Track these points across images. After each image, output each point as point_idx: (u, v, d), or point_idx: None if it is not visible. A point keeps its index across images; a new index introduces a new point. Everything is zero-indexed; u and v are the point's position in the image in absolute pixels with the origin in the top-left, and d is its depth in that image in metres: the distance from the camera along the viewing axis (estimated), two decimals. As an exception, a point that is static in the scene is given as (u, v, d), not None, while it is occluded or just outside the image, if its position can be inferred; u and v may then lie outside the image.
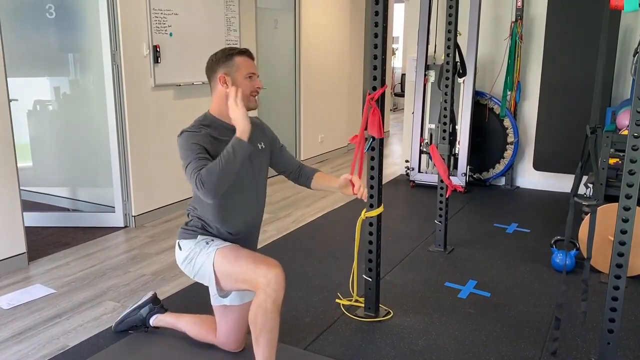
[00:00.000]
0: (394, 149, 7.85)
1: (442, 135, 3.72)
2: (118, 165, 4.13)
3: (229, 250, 2.13)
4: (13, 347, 2.52)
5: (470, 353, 2.46)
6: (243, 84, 2.12)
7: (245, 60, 2.15)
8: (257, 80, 2.19)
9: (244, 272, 2.05)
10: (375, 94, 2.50)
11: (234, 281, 2.11)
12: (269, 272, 1.98)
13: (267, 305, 1.97)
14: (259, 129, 2.32)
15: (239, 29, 5.02)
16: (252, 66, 2.17)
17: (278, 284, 1.98)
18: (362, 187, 2.23)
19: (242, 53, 2.16)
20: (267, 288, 1.97)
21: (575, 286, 3.06)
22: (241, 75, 2.13)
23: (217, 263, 2.11)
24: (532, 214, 4.62)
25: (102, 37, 3.94)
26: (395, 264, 3.48)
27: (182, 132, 2.08)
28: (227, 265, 2.10)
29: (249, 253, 2.13)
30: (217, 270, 2.12)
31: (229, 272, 2.11)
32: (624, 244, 2.10)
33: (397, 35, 12.23)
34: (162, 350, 2.46)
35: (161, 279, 3.27)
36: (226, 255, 2.11)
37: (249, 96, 2.15)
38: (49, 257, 3.62)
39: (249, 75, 2.14)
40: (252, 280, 2.01)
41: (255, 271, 2.01)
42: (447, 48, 3.62)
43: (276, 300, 1.98)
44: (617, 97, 4.89)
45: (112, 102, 4.02)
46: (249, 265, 2.04)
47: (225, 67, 2.13)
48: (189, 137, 2.05)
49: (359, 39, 7.67)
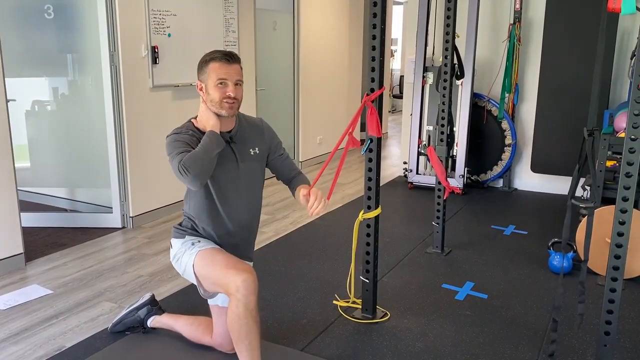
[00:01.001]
0: (392, 151, 7.85)
1: (440, 137, 3.72)
2: (116, 166, 4.12)
3: (208, 253, 2.14)
4: (9, 347, 2.51)
5: (468, 355, 2.46)
6: (213, 91, 2.09)
7: (220, 65, 2.06)
8: (231, 87, 2.08)
9: (217, 276, 2.06)
10: (373, 95, 2.50)
11: (212, 284, 2.13)
12: (237, 277, 1.98)
13: (239, 311, 1.98)
14: (257, 133, 2.30)
15: (237, 30, 5.02)
16: (225, 72, 2.07)
17: (248, 290, 1.97)
18: (318, 203, 2.07)
19: (217, 58, 2.07)
20: (237, 293, 1.97)
21: (572, 288, 3.06)
22: (212, 82, 2.08)
23: (196, 265, 2.13)
24: (529, 216, 4.63)
25: (101, 37, 3.94)
26: (392, 266, 3.48)
27: (167, 136, 2.14)
28: (204, 268, 2.12)
29: (225, 257, 2.11)
30: (197, 272, 2.14)
31: (205, 275, 2.13)
32: (620, 246, 2.11)
33: (396, 37, 12.25)
34: (159, 351, 2.46)
35: (158, 280, 3.27)
36: (204, 258, 2.12)
37: (220, 102, 2.09)
38: (46, 257, 3.61)
39: (220, 81, 2.07)
40: (224, 285, 2.02)
41: (225, 276, 2.02)
42: (445, 50, 3.63)
43: (247, 305, 1.98)
44: (614, 100, 4.90)
45: (110, 102, 4.02)
46: (221, 270, 2.05)
47: (201, 73, 2.13)
48: (174, 137, 2.11)
49: (358, 40, 7.67)
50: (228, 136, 2.19)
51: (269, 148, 2.33)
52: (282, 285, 3.15)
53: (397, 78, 11.88)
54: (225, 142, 2.16)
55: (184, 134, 2.11)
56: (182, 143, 2.07)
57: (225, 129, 2.18)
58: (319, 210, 2.08)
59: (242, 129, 2.25)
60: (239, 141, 2.22)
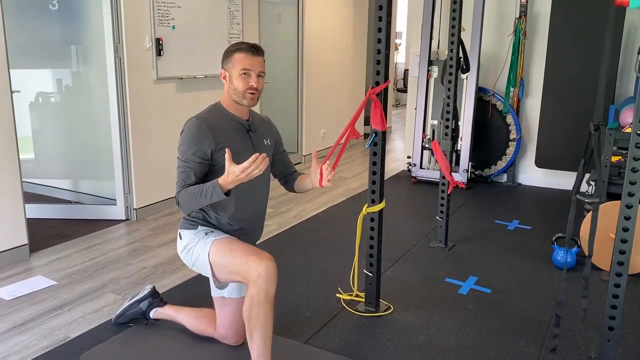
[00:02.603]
0: (396, 145, 7.84)
1: (445, 132, 3.71)
2: (120, 158, 4.13)
3: (224, 242, 2.15)
4: (14, 337, 2.53)
5: (470, 349, 2.47)
6: (237, 80, 2.13)
7: (244, 56, 2.12)
8: (254, 77, 2.13)
9: (237, 264, 2.06)
10: (378, 88, 2.49)
11: (228, 273, 2.13)
12: (259, 264, 1.99)
13: (259, 298, 1.98)
14: (267, 126, 2.38)
15: (241, 23, 5.00)
16: (249, 63, 2.12)
17: (269, 277, 1.98)
18: (327, 173, 2.14)
19: (243, 49, 2.13)
20: (258, 280, 1.98)
21: (576, 283, 3.06)
22: (236, 72, 2.13)
23: (212, 254, 2.14)
24: (533, 211, 4.62)
25: (105, 29, 3.93)
26: (396, 260, 3.48)
27: (189, 120, 2.14)
28: (221, 257, 2.12)
29: (243, 246, 2.14)
30: (212, 261, 2.15)
31: (223, 263, 2.13)
32: (625, 241, 2.10)
33: (400, 31, 12.19)
34: (162, 342, 2.47)
35: (162, 272, 3.28)
36: (221, 247, 2.13)
37: (244, 93, 2.14)
38: (51, 249, 3.62)
39: (244, 72, 2.12)
40: (244, 272, 2.03)
41: (246, 263, 2.02)
42: (451, 44, 3.61)
43: (268, 293, 1.98)
44: (620, 95, 4.87)
45: (115, 94, 4.02)
46: (241, 257, 2.06)
47: (226, 62, 2.18)
48: (194, 132, 2.10)
49: (362, 34, 7.65)
50: (247, 124, 2.23)
51: (276, 142, 2.40)
52: (285, 278, 3.16)
53: (402, 72, 11.84)
54: (245, 130, 2.22)
55: (199, 132, 2.09)
56: (189, 165, 2.08)
57: (244, 118, 2.24)
58: (328, 180, 2.15)
59: (255, 120, 2.31)
60: (256, 130, 2.27)
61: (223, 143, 2.11)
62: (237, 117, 2.21)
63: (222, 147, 2.09)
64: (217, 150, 2.11)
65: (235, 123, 2.21)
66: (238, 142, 2.17)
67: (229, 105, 2.21)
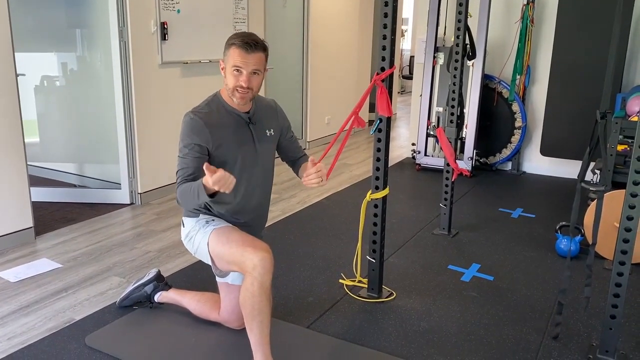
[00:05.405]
0: (400, 132, 7.82)
1: (450, 119, 3.69)
2: (124, 142, 4.13)
3: (223, 231, 2.15)
4: (20, 319, 2.55)
5: (472, 336, 2.48)
6: (229, 76, 2.07)
7: (238, 53, 2.01)
8: (244, 76, 2.02)
9: (233, 254, 2.07)
10: (383, 74, 2.48)
11: (226, 262, 2.14)
12: (255, 255, 1.99)
13: (253, 288, 1.98)
14: (272, 114, 2.31)
15: (247, 7, 4.96)
16: (242, 60, 2.01)
17: (264, 268, 1.98)
18: (316, 177, 2.05)
19: (238, 44, 2.01)
20: (253, 271, 1.98)
21: (579, 272, 3.06)
22: (229, 67, 2.06)
23: (211, 243, 2.14)
24: (537, 199, 4.61)
25: (110, 13, 3.91)
26: (399, 246, 3.49)
27: (186, 115, 2.10)
28: (219, 247, 2.12)
29: (241, 236, 2.13)
30: (211, 250, 2.16)
31: (220, 253, 2.13)
32: (629, 230, 2.10)
33: (407, 17, 12.10)
34: (166, 325, 2.49)
35: (166, 256, 3.30)
36: (219, 236, 2.13)
37: (233, 90, 2.07)
38: (56, 232, 3.65)
39: (235, 68, 2.03)
40: (240, 262, 2.03)
41: (242, 254, 2.02)
42: (457, 30, 3.58)
43: (263, 284, 1.98)
44: (627, 84, 4.83)
45: (119, 78, 4.01)
46: (237, 247, 2.06)
47: (224, 54, 2.10)
48: (189, 129, 2.07)
49: (368, 19, 7.59)
50: (247, 117, 2.19)
51: (281, 129, 2.35)
52: (289, 264, 3.17)
53: (407, 58, 11.77)
54: (245, 123, 2.18)
55: (196, 126, 2.06)
56: (190, 147, 2.06)
57: (244, 110, 2.18)
58: (312, 184, 2.07)
59: (259, 110, 2.25)
60: (257, 122, 2.22)
61: (220, 140, 2.09)
62: (236, 110, 2.15)
63: (219, 144, 2.08)
64: (215, 148, 2.09)
65: (235, 116, 2.15)
66: (237, 136, 2.14)
67: (228, 97, 2.15)
